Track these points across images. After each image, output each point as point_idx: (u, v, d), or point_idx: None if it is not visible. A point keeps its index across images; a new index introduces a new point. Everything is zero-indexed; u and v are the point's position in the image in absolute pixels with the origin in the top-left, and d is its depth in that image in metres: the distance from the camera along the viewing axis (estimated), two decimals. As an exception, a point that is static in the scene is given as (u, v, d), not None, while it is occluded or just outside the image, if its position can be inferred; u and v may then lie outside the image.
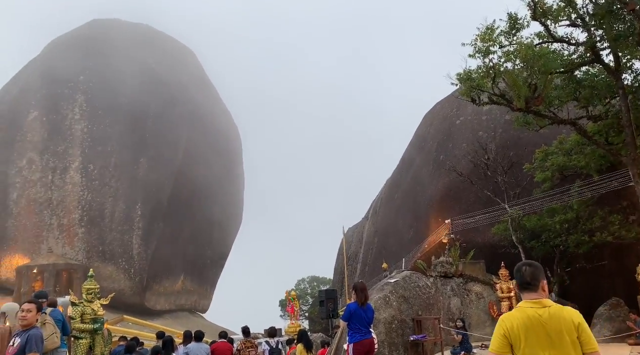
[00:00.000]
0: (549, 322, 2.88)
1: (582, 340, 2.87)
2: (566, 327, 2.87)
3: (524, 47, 14.74)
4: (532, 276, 3.08)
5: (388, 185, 38.05)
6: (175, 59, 49.09)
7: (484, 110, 24.85)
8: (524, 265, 3.17)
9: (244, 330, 12.07)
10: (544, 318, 2.90)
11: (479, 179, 22.44)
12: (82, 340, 10.30)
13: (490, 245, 21.31)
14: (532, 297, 3.04)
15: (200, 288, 46.23)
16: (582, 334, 2.87)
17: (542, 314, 2.91)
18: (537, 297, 3.02)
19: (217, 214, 46.75)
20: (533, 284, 3.05)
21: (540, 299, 3.01)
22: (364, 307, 7.59)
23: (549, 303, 2.97)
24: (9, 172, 37.75)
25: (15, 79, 44.38)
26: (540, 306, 2.96)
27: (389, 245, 32.55)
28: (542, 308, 2.95)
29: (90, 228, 37.34)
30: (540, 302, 2.98)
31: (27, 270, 33.25)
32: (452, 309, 16.39)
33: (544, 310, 2.94)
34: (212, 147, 46.97)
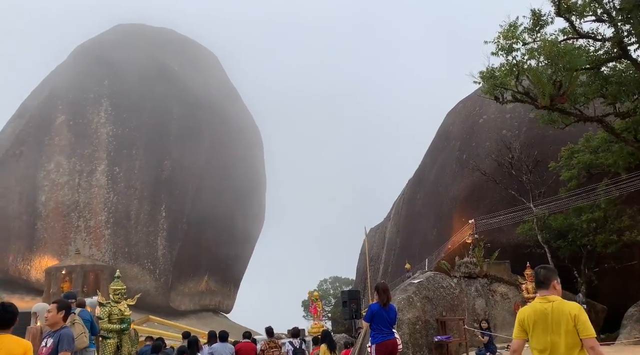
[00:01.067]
0: (551, 314, 3.60)
1: (578, 328, 3.51)
2: (564, 318, 3.55)
3: (548, 44, 14.49)
4: (545, 277, 3.81)
5: (410, 185, 37.81)
6: (198, 63, 49.64)
7: (508, 108, 24.51)
8: (540, 268, 3.91)
9: (267, 330, 12.11)
10: (548, 311, 3.62)
11: (503, 178, 22.12)
12: (110, 340, 10.47)
13: (515, 246, 20.99)
14: (543, 293, 3.76)
15: (224, 288, 46.62)
16: (577, 323, 3.52)
17: (547, 308, 3.63)
18: (547, 293, 3.73)
19: (239, 215, 47.09)
20: (545, 283, 3.77)
21: (548, 296, 3.72)
22: (386, 308, 7.54)
23: (554, 299, 3.66)
24: (37, 175, 38.63)
25: (43, 84, 45.43)
26: (546, 301, 3.68)
27: (411, 245, 32.34)
28: (547, 303, 3.66)
29: (116, 229, 37.98)
30: (547, 298, 3.69)
31: (56, 271, 33.98)
32: (477, 310, 16.18)
33: (549, 304, 3.65)
34: (234, 149, 47.33)
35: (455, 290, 14.02)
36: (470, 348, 13.27)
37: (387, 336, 7.51)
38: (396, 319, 7.91)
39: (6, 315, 4.30)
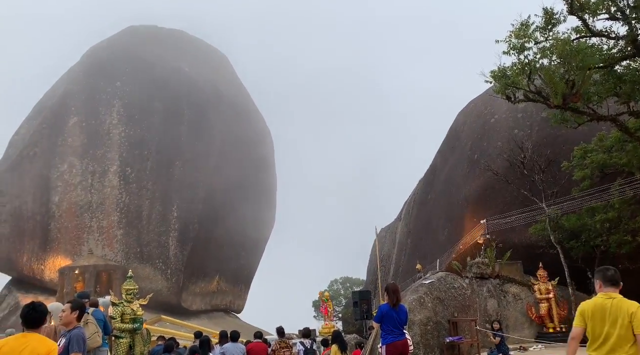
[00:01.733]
0: (611, 308, 4.10)
1: (634, 324, 3.98)
2: (622, 313, 4.05)
3: (560, 43, 14.36)
4: (616, 277, 4.27)
5: (421, 185, 37.67)
6: (209, 64, 49.89)
7: (520, 107, 24.32)
8: (608, 268, 4.37)
9: (278, 330, 12.13)
10: (608, 306, 4.12)
11: (515, 178, 21.93)
12: (123, 340, 10.56)
13: (527, 246, 20.82)
14: (609, 290, 4.23)
15: (235, 288, 46.79)
16: (633, 320, 3.99)
17: (607, 303, 4.14)
18: (613, 290, 4.22)
19: (250, 215, 47.22)
20: (616, 282, 4.24)
21: (610, 293, 4.21)
22: (396, 309, 7.52)
23: (615, 296, 4.17)
24: (51, 175, 39.03)
25: (56, 85, 45.91)
26: (608, 297, 4.18)
27: (422, 246, 32.22)
28: (609, 299, 4.17)
29: (129, 230, 38.27)
30: (609, 295, 4.18)
31: (69, 271, 34.31)
32: (489, 311, 16.09)
33: (609, 300, 4.16)
34: (245, 151, 47.49)
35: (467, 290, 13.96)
36: (482, 349, 13.20)
37: (397, 337, 7.48)
38: (407, 320, 7.89)
39: (34, 315, 4.34)
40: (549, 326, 16.60)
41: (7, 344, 4.14)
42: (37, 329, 4.35)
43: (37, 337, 4.29)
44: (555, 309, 16.73)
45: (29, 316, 4.33)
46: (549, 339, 15.73)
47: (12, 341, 4.19)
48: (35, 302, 4.49)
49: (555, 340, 15.52)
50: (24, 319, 4.34)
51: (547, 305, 16.79)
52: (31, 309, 4.37)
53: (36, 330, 4.33)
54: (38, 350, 4.16)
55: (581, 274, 18.81)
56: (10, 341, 4.20)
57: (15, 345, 4.14)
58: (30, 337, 4.25)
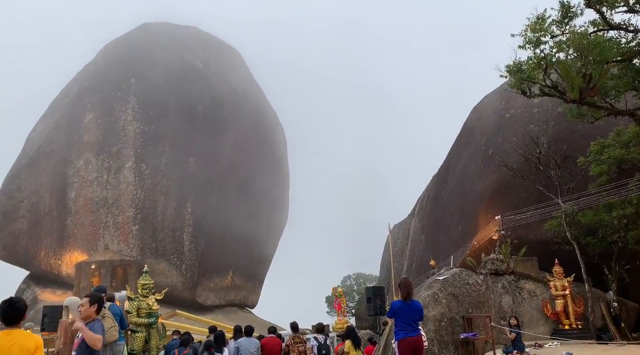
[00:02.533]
0: None
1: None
2: None
3: (577, 36, 14.16)
4: None
5: (434, 181, 37.49)
6: (222, 60, 50.06)
7: (535, 102, 24.07)
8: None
9: (292, 325, 12.18)
10: None
11: (531, 173, 21.73)
12: (139, 334, 10.68)
13: (542, 242, 20.63)
14: None
15: (249, 284, 47.03)
16: None
17: None
18: None
19: (263, 211, 47.39)
20: None
21: None
22: (407, 303, 7.48)
23: None
24: (67, 172, 39.47)
25: (72, 82, 46.39)
26: None
27: (436, 242, 32.09)
28: None
29: (144, 225, 38.62)
30: None
31: (85, 266, 34.69)
32: (504, 307, 15.98)
33: None
34: (259, 146, 47.64)
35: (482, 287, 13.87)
36: (496, 345, 13.12)
37: (410, 333, 7.42)
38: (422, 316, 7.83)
39: (11, 311, 4.29)
40: (564, 323, 16.44)
41: None
42: (17, 325, 4.30)
43: (22, 333, 4.27)
44: (571, 306, 16.57)
45: (7, 313, 4.28)
46: (565, 335, 15.59)
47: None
48: (13, 298, 4.43)
49: (571, 337, 15.38)
50: (3, 316, 4.28)
51: (563, 301, 16.62)
52: (8, 305, 4.32)
53: (16, 326, 4.29)
54: (27, 345, 4.16)
55: (598, 271, 18.61)
56: None
57: (3, 343, 4.11)
58: (15, 334, 4.23)
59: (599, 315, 17.13)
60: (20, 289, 40.07)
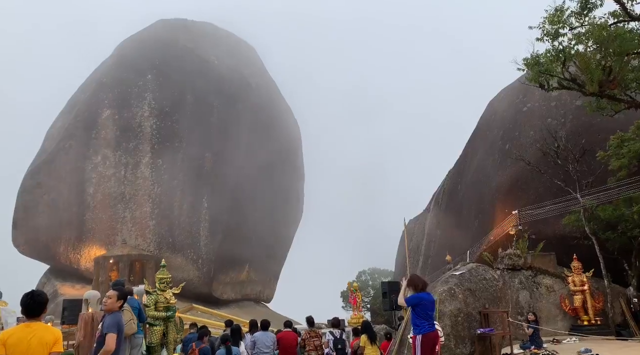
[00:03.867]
0: None
1: None
2: None
3: (597, 28, 13.91)
4: None
5: (450, 176, 37.23)
6: (237, 56, 50.17)
7: (553, 96, 23.71)
8: None
9: (308, 320, 12.20)
10: None
11: (548, 167, 21.45)
12: (156, 327, 10.78)
13: (560, 237, 20.39)
14: None
15: (264, 278, 47.27)
16: None
17: None
18: None
19: (278, 206, 47.55)
20: None
21: None
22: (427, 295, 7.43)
23: None
24: (85, 167, 39.97)
25: (89, 79, 46.87)
26: None
27: (452, 237, 31.90)
28: None
29: (160, 220, 38.99)
30: None
31: (104, 260, 35.16)
32: (521, 303, 15.84)
33: None
34: (273, 141, 47.73)
35: (499, 282, 13.75)
36: (514, 341, 13.02)
37: (432, 327, 7.38)
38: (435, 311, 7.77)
39: (32, 304, 4.34)
40: (583, 319, 16.26)
41: (13, 335, 4.15)
42: (38, 318, 4.35)
43: (42, 326, 4.31)
44: (590, 301, 16.37)
45: (28, 305, 4.33)
46: (584, 331, 15.41)
47: (18, 332, 4.21)
48: (35, 291, 4.48)
49: (590, 333, 15.20)
50: (24, 309, 4.34)
51: (582, 297, 16.43)
52: (29, 297, 4.37)
53: (37, 319, 4.34)
54: (45, 338, 4.20)
55: (617, 266, 18.33)
56: (16, 332, 4.21)
57: (22, 335, 4.16)
58: (35, 327, 4.27)
59: (619, 311, 16.91)
60: (41, 283, 40.77)
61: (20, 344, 4.10)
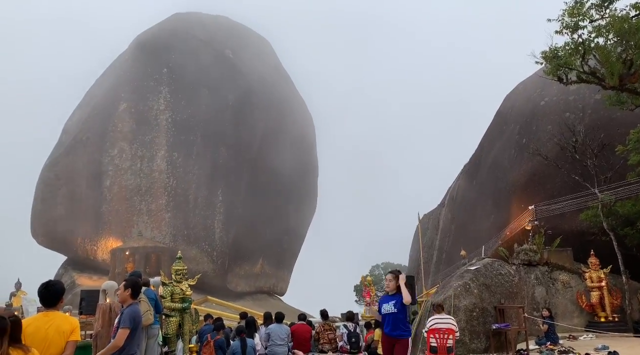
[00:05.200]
0: None
1: None
2: None
3: (618, 20, 13.66)
4: None
5: (466, 170, 36.93)
6: (252, 50, 50.21)
7: (571, 89, 23.35)
8: None
9: (322, 313, 12.24)
10: None
11: (566, 162, 21.18)
12: (173, 318, 10.90)
13: (578, 233, 20.14)
14: None
15: (278, 271, 47.50)
16: None
17: None
18: None
19: (293, 200, 47.65)
20: None
21: None
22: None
23: None
24: (102, 160, 40.44)
25: (107, 72, 47.33)
26: None
27: (467, 232, 31.68)
28: None
29: (176, 213, 39.32)
30: None
31: (120, 252, 35.62)
32: (537, 298, 15.73)
33: None
34: (288, 135, 47.77)
35: (514, 277, 13.65)
36: (529, 337, 12.93)
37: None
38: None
39: (47, 294, 4.42)
40: (600, 315, 16.09)
41: (31, 324, 4.23)
42: (55, 307, 4.43)
43: (59, 315, 4.38)
44: (607, 298, 16.19)
45: (44, 295, 4.42)
46: (601, 328, 15.26)
47: (35, 321, 4.30)
48: (51, 281, 4.56)
49: (608, 330, 15.04)
50: (41, 298, 4.43)
51: (599, 293, 16.25)
52: (45, 287, 4.45)
53: (54, 308, 4.42)
54: (63, 327, 4.27)
55: (636, 263, 18.07)
56: (34, 321, 4.30)
57: (39, 324, 4.24)
58: (52, 315, 4.35)
59: (637, 308, 16.70)
60: (59, 274, 41.43)
61: (38, 332, 4.18)
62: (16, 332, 3.66)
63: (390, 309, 6.53)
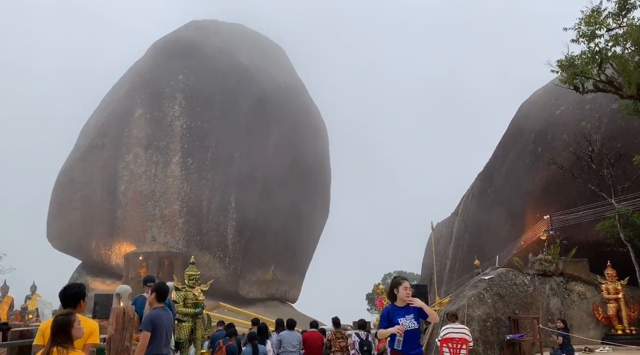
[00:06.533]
0: None
1: None
2: None
3: (635, 29, 13.56)
4: None
5: (480, 179, 36.68)
6: (267, 57, 50.53)
7: (588, 98, 23.17)
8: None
9: (334, 321, 12.20)
10: None
11: (582, 172, 20.96)
12: (185, 324, 10.92)
13: (594, 243, 19.88)
14: None
15: (290, 278, 47.45)
16: None
17: None
18: None
19: (305, 206, 47.66)
20: None
21: None
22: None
23: None
24: (117, 166, 40.89)
25: (123, 78, 47.94)
26: None
27: (481, 241, 31.42)
28: None
29: (189, 218, 39.55)
30: None
31: (134, 257, 35.90)
32: (552, 309, 15.52)
33: None
34: (301, 142, 47.89)
35: (529, 288, 13.49)
36: (544, 348, 12.76)
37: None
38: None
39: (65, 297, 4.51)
40: (617, 328, 15.82)
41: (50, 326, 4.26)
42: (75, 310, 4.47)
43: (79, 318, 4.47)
44: (624, 310, 15.92)
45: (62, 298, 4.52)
46: (618, 340, 15.00)
47: None
48: (69, 284, 4.64)
49: (625, 343, 14.78)
50: (61, 301, 4.54)
51: (616, 305, 15.99)
52: (64, 290, 4.57)
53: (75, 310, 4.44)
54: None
55: (654, 275, 17.79)
56: None
57: None
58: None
59: (655, 321, 16.39)
60: (73, 278, 41.83)
61: None
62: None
63: (411, 325, 5.38)
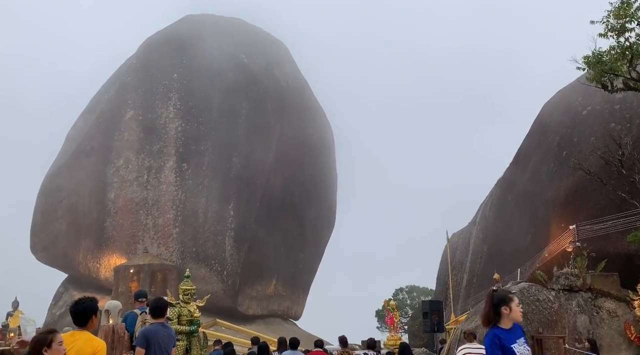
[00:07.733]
0: None
1: None
2: None
3: (669, 22, 13.52)
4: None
5: (499, 185, 36.58)
6: (268, 55, 50.58)
7: (617, 98, 23.08)
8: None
9: (341, 339, 12.16)
10: None
11: (611, 178, 20.84)
12: (179, 342, 10.84)
13: (625, 256, 19.74)
14: None
15: (293, 294, 47.32)
16: None
17: None
18: None
19: (310, 216, 47.59)
20: None
21: None
22: None
23: None
24: (107, 171, 40.93)
25: (113, 78, 48.10)
26: None
27: (501, 253, 31.29)
28: None
29: (184, 228, 39.50)
30: None
31: (124, 270, 35.87)
32: (579, 328, 15.38)
33: None
34: (305, 146, 47.83)
35: (554, 304, 13.41)
36: (571, 371, 12.65)
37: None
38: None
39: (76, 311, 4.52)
40: (650, 348, 15.67)
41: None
42: (84, 327, 4.50)
43: (84, 337, 4.46)
44: (659, 329, 15.77)
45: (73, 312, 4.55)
46: (651, 362, 14.86)
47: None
48: (79, 300, 4.64)
49: (659, 365, 14.63)
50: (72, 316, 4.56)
51: (649, 324, 15.84)
52: (75, 304, 4.60)
53: (84, 328, 4.50)
54: (83, 350, 4.34)
55: (691, 290, 17.62)
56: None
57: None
58: (77, 336, 4.44)
59: (692, 341, 16.21)
60: (59, 293, 41.91)
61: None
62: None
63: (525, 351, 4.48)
